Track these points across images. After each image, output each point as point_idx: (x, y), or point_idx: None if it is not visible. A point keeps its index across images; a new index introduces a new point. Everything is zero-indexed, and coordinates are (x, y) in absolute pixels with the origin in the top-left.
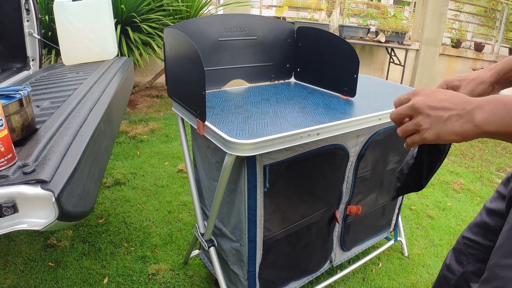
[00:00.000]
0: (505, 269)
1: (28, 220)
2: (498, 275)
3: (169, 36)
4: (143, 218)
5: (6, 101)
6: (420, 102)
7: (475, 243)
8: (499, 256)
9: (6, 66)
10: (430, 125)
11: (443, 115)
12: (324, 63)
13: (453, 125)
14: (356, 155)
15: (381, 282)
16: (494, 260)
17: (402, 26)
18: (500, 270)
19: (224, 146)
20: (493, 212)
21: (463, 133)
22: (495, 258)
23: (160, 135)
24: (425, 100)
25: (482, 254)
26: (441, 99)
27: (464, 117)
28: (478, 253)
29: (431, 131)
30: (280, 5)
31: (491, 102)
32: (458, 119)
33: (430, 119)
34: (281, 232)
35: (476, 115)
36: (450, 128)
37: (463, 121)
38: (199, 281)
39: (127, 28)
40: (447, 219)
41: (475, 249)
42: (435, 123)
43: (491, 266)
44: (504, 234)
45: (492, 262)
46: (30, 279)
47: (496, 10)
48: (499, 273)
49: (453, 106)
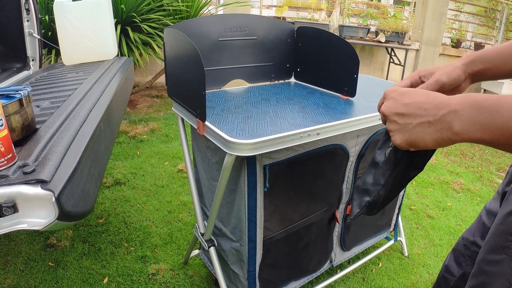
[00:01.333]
0: (490, 264)
1: (28, 220)
2: (483, 270)
3: (169, 36)
4: (143, 218)
5: (6, 101)
6: (386, 108)
7: (473, 245)
8: (486, 251)
9: (6, 66)
10: (398, 132)
11: (410, 122)
12: (324, 63)
13: (424, 132)
14: (356, 155)
15: (381, 282)
16: (481, 255)
17: (402, 26)
18: (486, 265)
19: (224, 146)
20: (491, 213)
21: (439, 140)
22: (482, 253)
23: (160, 135)
24: (391, 105)
25: None
26: (407, 103)
27: (436, 124)
28: (475, 255)
29: (400, 137)
30: (280, 5)
31: (467, 106)
32: (428, 126)
33: (397, 125)
34: (281, 232)
35: (453, 123)
36: (421, 135)
37: (436, 128)
38: (199, 281)
39: (127, 28)
40: (447, 219)
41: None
42: (403, 130)
43: (478, 261)
44: (492, 229)
45: (479, 257)
46: (30, 279)
47: (496, 10)
48: (484, 268)
49: (421, 112)
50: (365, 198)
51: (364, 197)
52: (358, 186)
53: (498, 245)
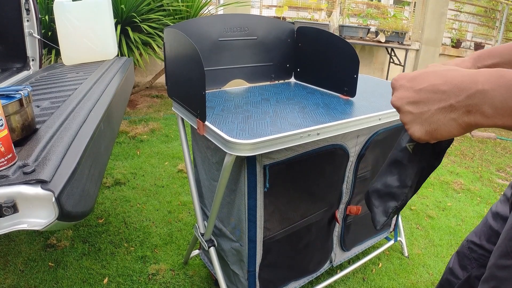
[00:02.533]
0: (502, 270)
1: (28, 220)
2: (495, 275)
3: (169, 36)
4: (143, 218)
5: (6, 101)
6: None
7: (479, 247)
8: (497, 256)
9: (6, 66)
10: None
11: (428, 109)
12: (324, 63)
13: (447, 118)
14: (356, 155)
15: (381, 282)
16: (493, 260)
17: (402, 26)
18: (497, 270)
19: (224, 146)
20: (498, 215)
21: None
22: (493, 258)
23: (160, 135)
24: (402, 94)
25: (486, 259)
26: (420, 89)
27: (460, 107)
28: (482, 258)
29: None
30: (280, 5)
31: (498, 86)
32: (451, 110)
33: (412, 116)
34: (281, 232)
35: (483, 105)
36: (443, 122)
37: (461, 112)
38: (199, 281)
39: (127, 28)
40: (447, 219)
41: (479, 254)
42: (420, 120)
43: (490, 266)
44: (503, 234)
45: (491, 262)
46: (30, 279)
47: (496, 10)
48: (496, 273)
49: (439, 95)
50: (391, 203)
51: (389, 202)
52: (378, 190)
53: (509, 250)
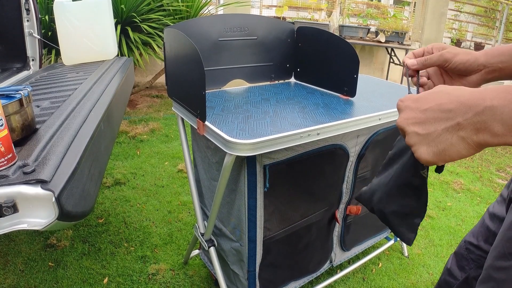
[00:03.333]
0: (499, 271)
1: (28, 220)
2: (492, 277)
3: (169, 36)
4: (143, 218)
5: (6, 101)
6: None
7: (477, 248)
8: (494, 258)
9: (6, 66)
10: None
11: (435, 130)
12: (324, 63)
13: (454, 137)
14: (356, 155)
15: (381, 282)
16: (490, 262)
17: (402, 26)
18: (494, 272)
19: (224, 146)
20: (496, 217)
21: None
22: (490, 259)
23: (160, 135)
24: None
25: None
26: (426, 109)
27: (468, 125)
28: (479, 259)
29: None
30: (280, 5)
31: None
32: (458, 129)
33: (419, 137)
34: (281, 232)
35: (491, 123)
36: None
37: (469, 130)
38: (199, 281)
39: (127, 28)
40: (447, 219)
41: (476, 254)
42: (427, 141)
43: (486, 267)
44: (500, 235)
45: (487, 263)
46: (30, 279)
47: (496, 10)
48: (493, 275)
49: (446, 114)
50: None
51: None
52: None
53: (506, 251)
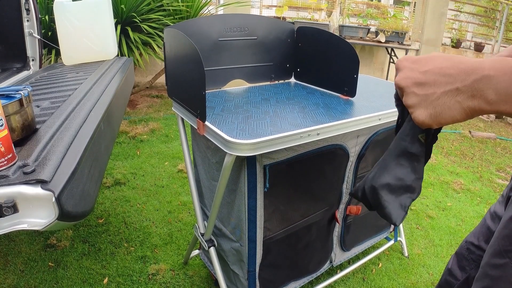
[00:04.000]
0: (494, 268)
1: (28, 220)
2: (488, 274)
3: (169, 36)
4: (143, 218)
5: (6, 101)
6: (401, 79)
7: (477, 248)
8: (490, 255)
9: (6, 66)
10: (419, 106)
11: (434, 92)
12: (324, 63)
13: (452, 101)
14: (356, 155)
15: (381, 282)
16: (486, 259)
17: (402, 26)
18: (490, 269)
19: (224, 146)
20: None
21: (469, 111)
22: (487, 257)
23: (160, 135)
24: (407, 74)
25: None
26: (426, 70)
27: (466, 91)
28: (480, 259)
29: (423, 112)
30: (280, 5)
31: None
32: (457, 93)
33: (417, 98)
34: (281, 232)
35: (487, 91)
36: (448, 106)
37: (466, 95)
38: (199, 281)
39: (127, 28)
40: (447, 219)
41: (477, 255)
42: (425, 103)
43: (483, 265)
44: (496, 232)
45: (484, 261)
46: (30, 279)
47: (496, 10)
48: (489, 272)
49: (446, 78)
50: (407, 196)
51: (404, 196)
52: (388, 184)
53: (502, 249)
